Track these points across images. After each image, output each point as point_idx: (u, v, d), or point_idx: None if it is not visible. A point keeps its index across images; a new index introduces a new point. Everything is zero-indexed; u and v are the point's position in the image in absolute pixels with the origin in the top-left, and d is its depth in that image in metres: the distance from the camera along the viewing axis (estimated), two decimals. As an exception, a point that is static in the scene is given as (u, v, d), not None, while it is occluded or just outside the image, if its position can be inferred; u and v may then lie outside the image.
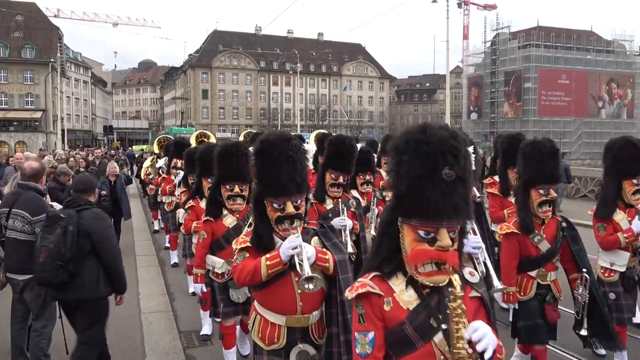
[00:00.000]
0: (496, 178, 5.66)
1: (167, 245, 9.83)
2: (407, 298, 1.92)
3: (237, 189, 4.21)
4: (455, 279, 1.82)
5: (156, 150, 14.19)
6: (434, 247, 1.84)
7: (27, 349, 4.51)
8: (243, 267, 2.73)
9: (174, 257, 8.86)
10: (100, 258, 4.06)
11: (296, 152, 2.76)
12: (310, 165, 5.53)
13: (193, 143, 9.68)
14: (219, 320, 4.52)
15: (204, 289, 4.49)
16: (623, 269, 4.39)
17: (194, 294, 6.10)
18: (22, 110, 53.24)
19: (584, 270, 3.79)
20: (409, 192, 1.85)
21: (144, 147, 40.14)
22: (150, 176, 12.36)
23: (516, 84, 59.75)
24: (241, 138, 11.83)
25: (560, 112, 59.09)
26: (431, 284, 1.89)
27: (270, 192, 2.74)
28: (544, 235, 3.83)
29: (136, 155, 30.06)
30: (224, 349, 4.53)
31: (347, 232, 4.47)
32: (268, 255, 2.69)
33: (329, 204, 4.70)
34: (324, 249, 2.78)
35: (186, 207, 5.59)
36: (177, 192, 7.85)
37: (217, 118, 73.32)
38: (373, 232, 5.27)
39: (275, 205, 2.73)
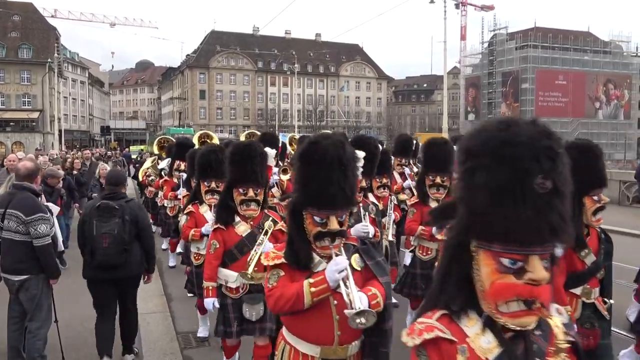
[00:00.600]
0: None
1: (165, 247, 9.80)
2: (485, 345, 1.46)
3: (251, 192, 3.82)
4: (557, 324, 1.43)
5: (156, 152, 13.86)
6: (522, 280, 1.39)
7: (24, 350, 4.50)
8: (282, 293, 2.37)
9: (172, 259, 8.84)
10: (142, 242, 4.73)
11: (350, 159, 2.42)
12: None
13: (196, 144, 9.27)
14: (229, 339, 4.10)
15: (217, 304, 3.99)
16: None
17: (192, 295, 6.06)
18: (19, 111, 53.13)
19: (611, 301, 3.52)
20: (488, 208, 1.39)
21: (143, 147, 39.91)
22: (150, 178, 12.10)
23: (513, 84, 59.97)
24: (242, 138, 11.52)
25: (558, 113, 59.30)
26: (517, 328, 1.43)
27: (313, 202, 2.37)
28: (590, 248, 3.40)
29: (134, 156, 29.96)
30: (225, 357, 4.40)
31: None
32: (312, 280, 2.35)
33: None
34: (369, 285, 2.43)
35: (185, 212, 5.38)
36: (179, 194, 7.60)
37: (215, 118, 73.24)
38: (390, 238, 5.14)
39: (317, 219, 2.37)
